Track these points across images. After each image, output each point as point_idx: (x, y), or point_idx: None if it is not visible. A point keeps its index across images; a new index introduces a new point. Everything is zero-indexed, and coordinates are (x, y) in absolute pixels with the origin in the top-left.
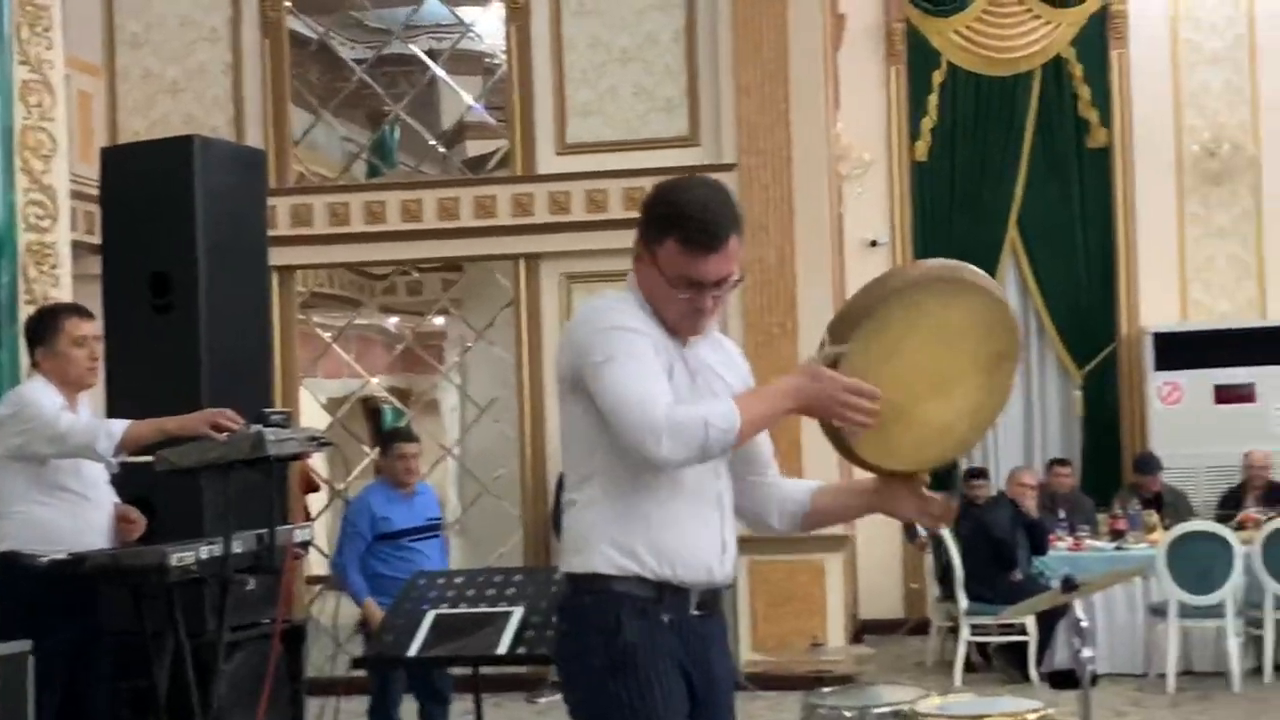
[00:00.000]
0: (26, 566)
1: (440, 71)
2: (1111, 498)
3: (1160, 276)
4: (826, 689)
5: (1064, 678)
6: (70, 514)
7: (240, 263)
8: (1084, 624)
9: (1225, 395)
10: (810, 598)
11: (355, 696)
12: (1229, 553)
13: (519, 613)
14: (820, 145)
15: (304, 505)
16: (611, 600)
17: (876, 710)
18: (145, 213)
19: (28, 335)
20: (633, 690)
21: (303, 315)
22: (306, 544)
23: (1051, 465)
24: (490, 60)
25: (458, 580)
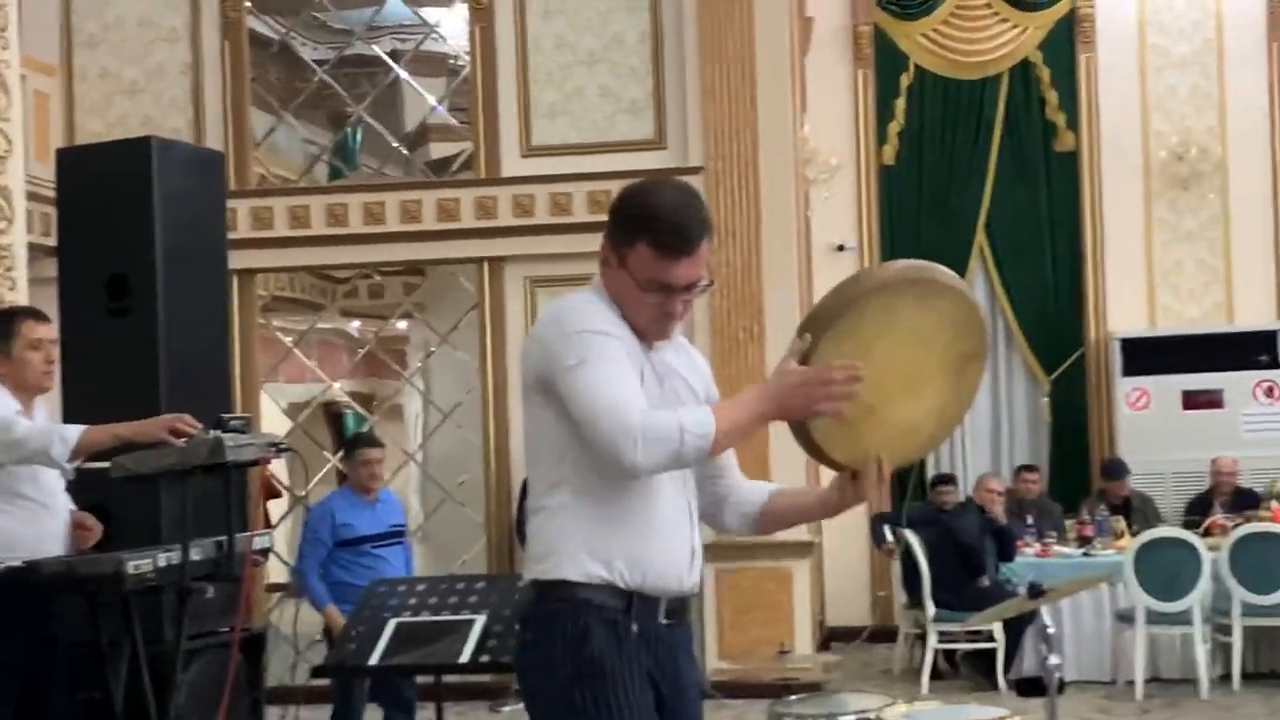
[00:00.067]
0: None
1: (403, 73)
2: (1079, 504)
3: (1128, 282)
4: (793, 697)
5: (1031, 685)
6: (28, 521)
7: (199, 266)
8: (1051, 631)
9: (1193, 401)
10: (777, 605)
11: (316, 705)
12: (1196, 559)
13: (481, 621)
14: (787, 149)
15: (264, 512)
16: (579, 609)
17: (843, 718)
18: (102, 215)
19: None
20: (600, 702)
21: (263, 319)
22: (266, 551)
23: (1019, 471)
24: (454, 62)
25: (419, 588)
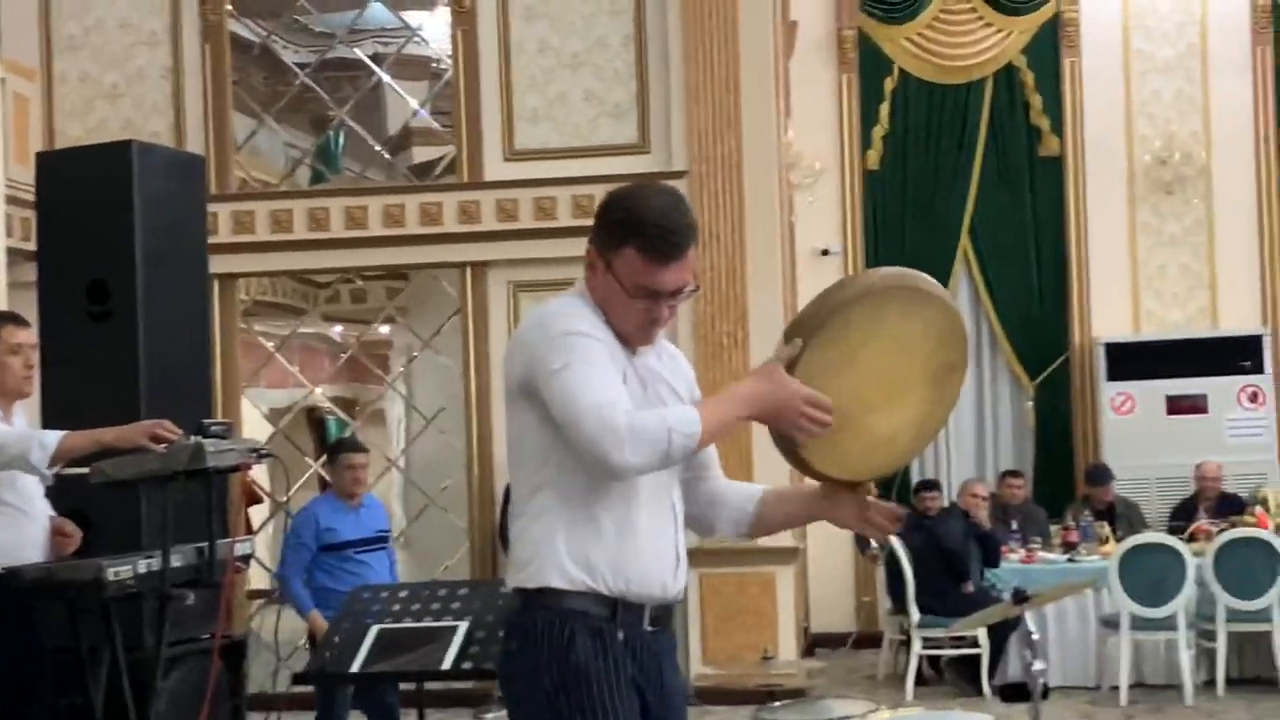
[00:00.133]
0: None
1: (385, 76)
2: (1064, 509)
3: (1112, 286)
4: (777, 703)
5: (1016, 690)
6: (7, 527)
7: (180, 270)
8: (1035, 636)
9: (1177, 406)
10: (761, 611)
11: (298, 712)
12: (1181, 565)
13: (464, 627)
14: (771, 153)
15: (245, 518)
16: (564, 617)
17: None
18: (82, 219)
19: None
20: (585, 710)
21: (244, 324)
22: (247, 557)
23: (1003, 477)
24: (436, 65)
25: (401, 594)
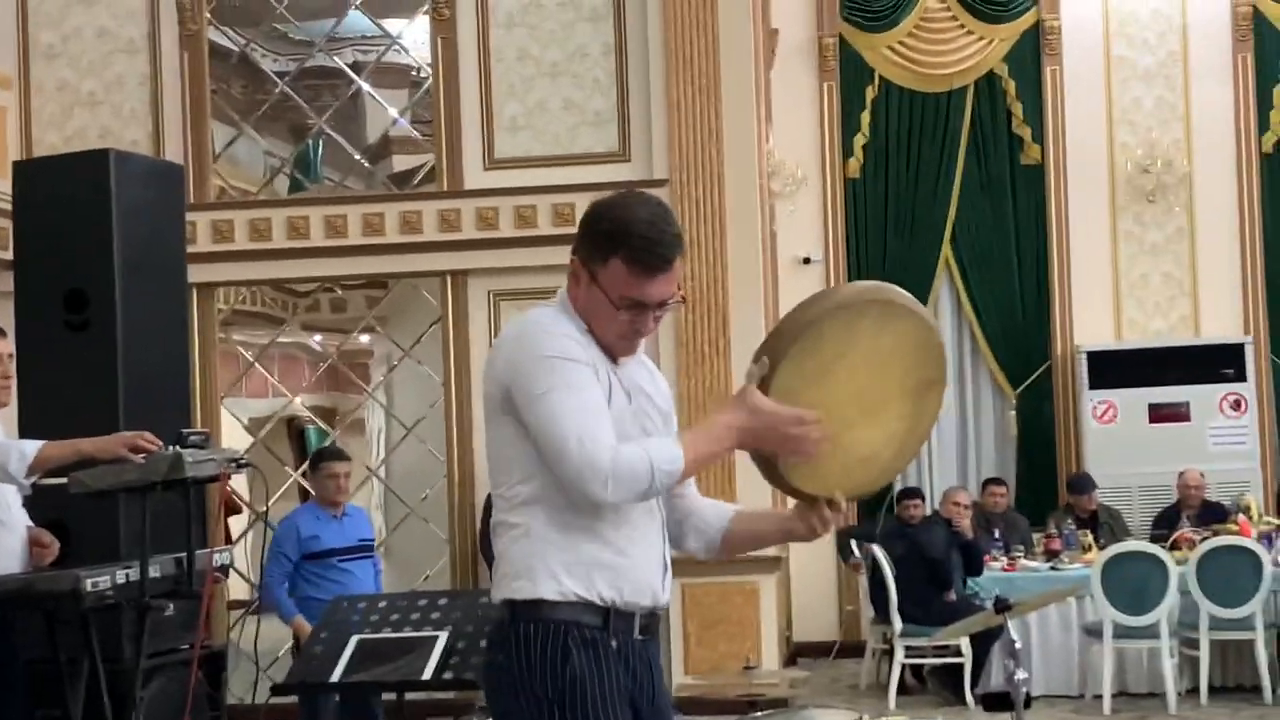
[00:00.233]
0: None
1: (365, 85)
2: (1046, 517)
3: (1094, 294)
4: (759, 713)
5: (999, 699)
6: None
7: (158, 279)
8: (1018, 645)
9: (1160, 414)
10: (744, 620)
11: None
12: (1164, 573)
13: (444, 637)
14: (752, 161)
15: (225, 528)
16: (558, 629)
17: None
18: (60, 228)
19: None
20: None
21: (223, 333)
22: (226, 568)
23: (986, 485)
24: (416, 73)
25: (381, 604)
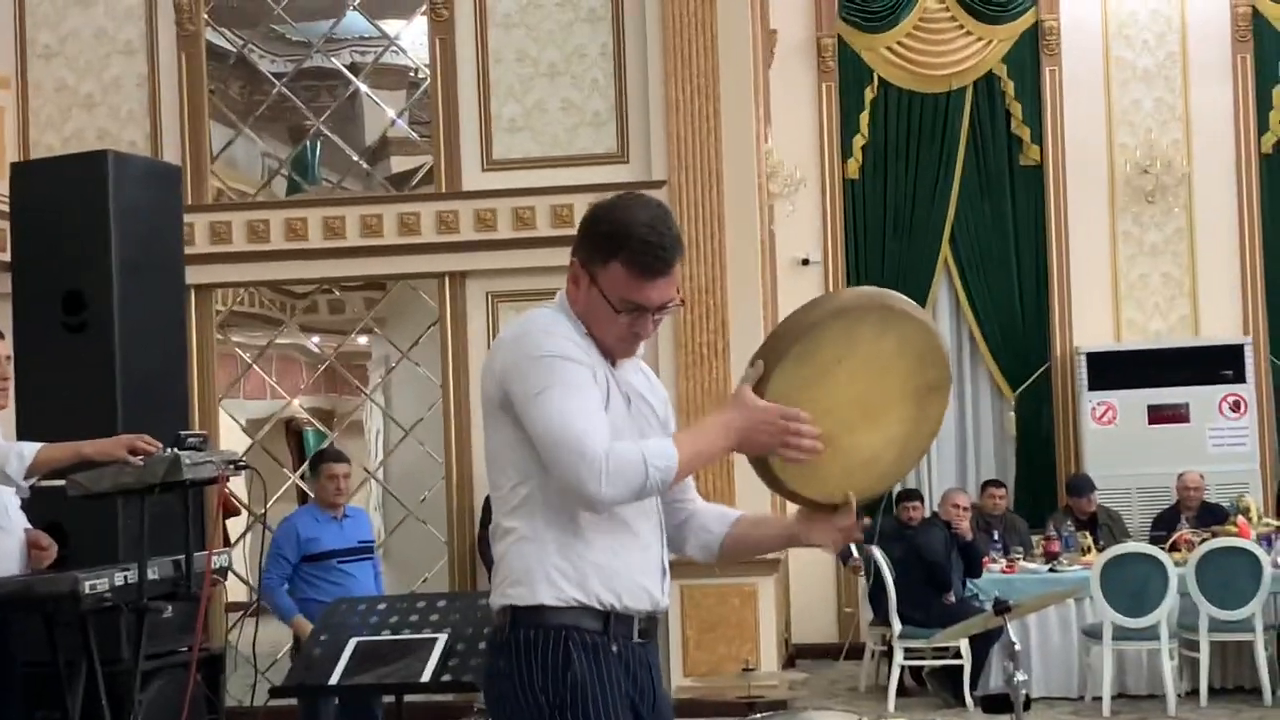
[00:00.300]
0: None
1: (363, 86)
2: (1045, 519)
3: (1093, 295)
4: (758, 715)
5: (998, 701)
6: None
7: (156, 281)
8: (1017, 647)
9: (1159, 416)
10: (742, 622)
11: None
12: (1163, 574)
13: (443, 639)
14: (751, 162)
15: (223, 530)
16: (559, 634)
17: None
18: (58, 229)
19: None
20: None
21: (221, 334)
22: (225, 570)
23: (985, 487)
24: (414, 75)
25: (380, 606)
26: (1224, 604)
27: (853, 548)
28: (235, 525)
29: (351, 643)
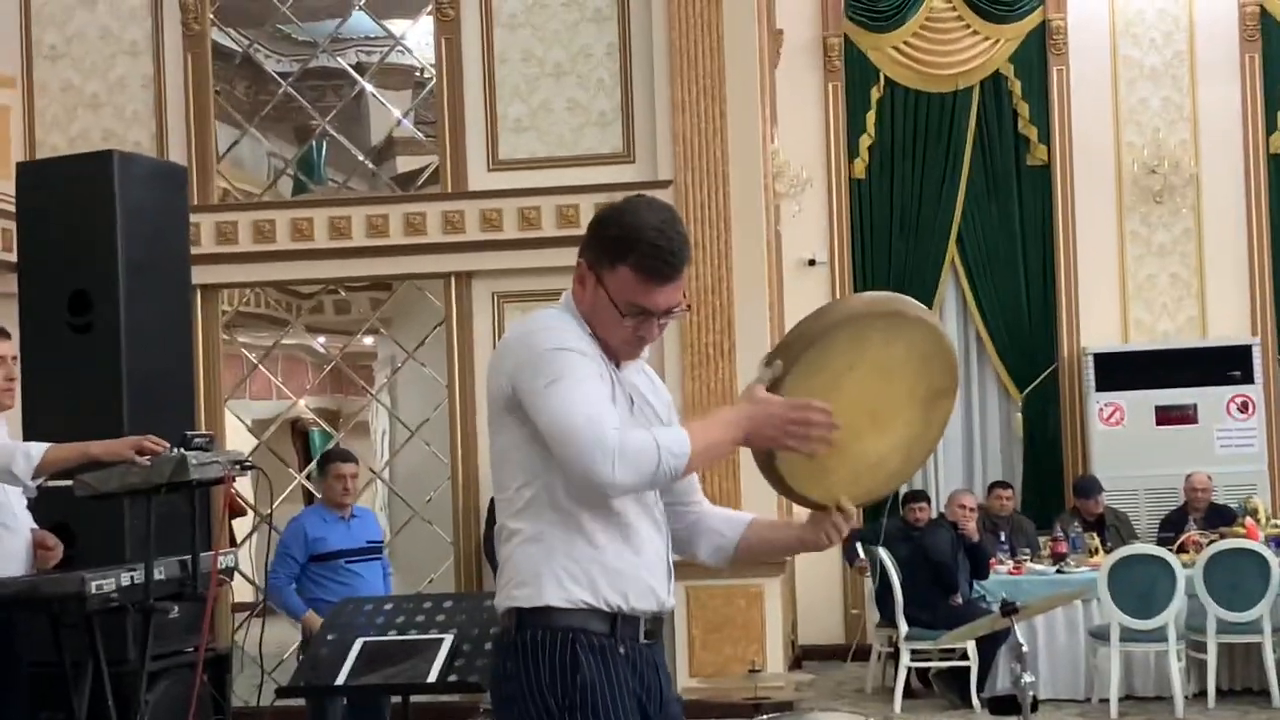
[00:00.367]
0: None
1: (369, 86)
2: (1052, 520)
3: (1101, 296)
4: (764, 716)
5: (1005, 703)
6: None
7: (162, 281)
8: (1024, 648)
9: (1166, 417)
10: (749, 623)
11: None
12: (1170, 576)
13: (449, 640)
14: (757, 162)
15: (229, 530)
16: (566, 636)
17: None
18: (64, 230)
19: None
20: None
21: (227, 335)
22: (231, 570)
23: (992, 488)
24: (420, 74)
25: (386, 607)
26: (1232, 606)
27: (859, 548)
28: (241, 526)
29: (358, 643)
